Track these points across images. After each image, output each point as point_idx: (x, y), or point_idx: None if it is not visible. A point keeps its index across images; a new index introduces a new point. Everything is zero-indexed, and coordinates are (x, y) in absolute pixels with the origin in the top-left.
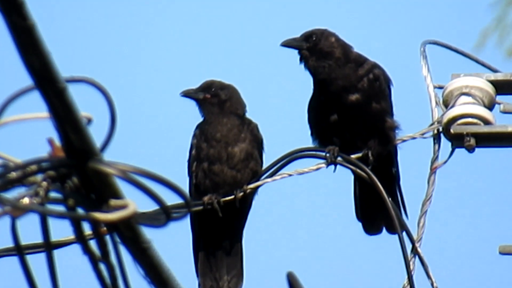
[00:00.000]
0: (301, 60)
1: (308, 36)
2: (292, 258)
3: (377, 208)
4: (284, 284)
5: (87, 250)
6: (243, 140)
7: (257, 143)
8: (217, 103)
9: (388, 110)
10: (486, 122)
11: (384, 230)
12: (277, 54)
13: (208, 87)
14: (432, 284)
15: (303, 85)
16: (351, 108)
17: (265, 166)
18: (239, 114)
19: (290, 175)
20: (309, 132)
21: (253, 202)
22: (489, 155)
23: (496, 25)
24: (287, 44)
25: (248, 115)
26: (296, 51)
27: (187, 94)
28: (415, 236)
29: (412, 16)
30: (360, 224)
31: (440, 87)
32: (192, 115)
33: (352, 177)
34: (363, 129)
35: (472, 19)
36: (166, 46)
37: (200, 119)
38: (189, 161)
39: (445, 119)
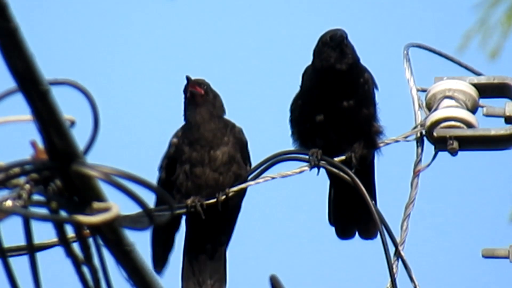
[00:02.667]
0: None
1: (344, 39)
2: (276, 262)
3: (352, 212)
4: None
5: (70, 253)
6: (226, 143)
7: (241, 146)
8: (209, 101)
9: (374, 114)
10: (469, 125)
11: (357, 235)
12: (262, 54)
13: (198, 83)
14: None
15: (288, 85)
16: (342, 113)
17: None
18: (221, 117)
19: (273, 178)
20: (290, 132)
21: (241, 206)
22: (472, 158)
23: (479, 26)
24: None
25: (231, 117)
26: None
27: (191, 82)
28: (398, 240)
29: (395, 18)
30: (332, 229)
31: (423, 90)
32: (175, 118)
33: (328, 181)
34: (349, 131)
35: (455, 20)
36: (147, 49)
37: (182, 122)
38: (162, 157)
39: (428, 122)
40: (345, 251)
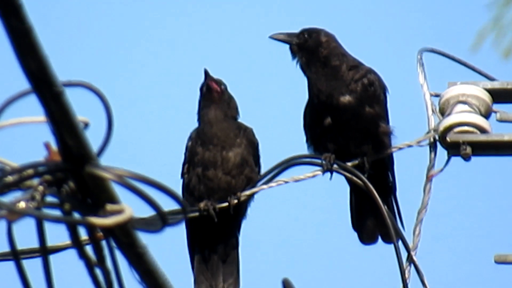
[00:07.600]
0: (291, 55)
1: (300, 33)
2: (288, 266)
3: (373, 217)
4: None
5: (83, 255)
6: (238, 145)
7: (253, 148)
8: (224, 100)
9: (383, 116)
10: (483, 130)
11: (380, 239)
12: (275, 58)
13: (216, 81)
14: None
15: (301, 90)
16: (343, 111)
17: (262, 171)
18: (235, 119)
19: (286, 182)
20: (304, 138)
21: (248, 209)
22: (485, 164)
23: (492, 25)
24: (277, 37)
25: (244, 120)
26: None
27: (209, 76)
28: (410, 245)
29: (408, 19)
30: (355, 234)
31: (437, 95)
32: (189, 119)
33: (348, 187)
34: (356, 133)
35: (469, 19)
36: (162, 51)
37: (195, 125)
38: (183, 163)
39: (441, 127)
40: (357, 256)
